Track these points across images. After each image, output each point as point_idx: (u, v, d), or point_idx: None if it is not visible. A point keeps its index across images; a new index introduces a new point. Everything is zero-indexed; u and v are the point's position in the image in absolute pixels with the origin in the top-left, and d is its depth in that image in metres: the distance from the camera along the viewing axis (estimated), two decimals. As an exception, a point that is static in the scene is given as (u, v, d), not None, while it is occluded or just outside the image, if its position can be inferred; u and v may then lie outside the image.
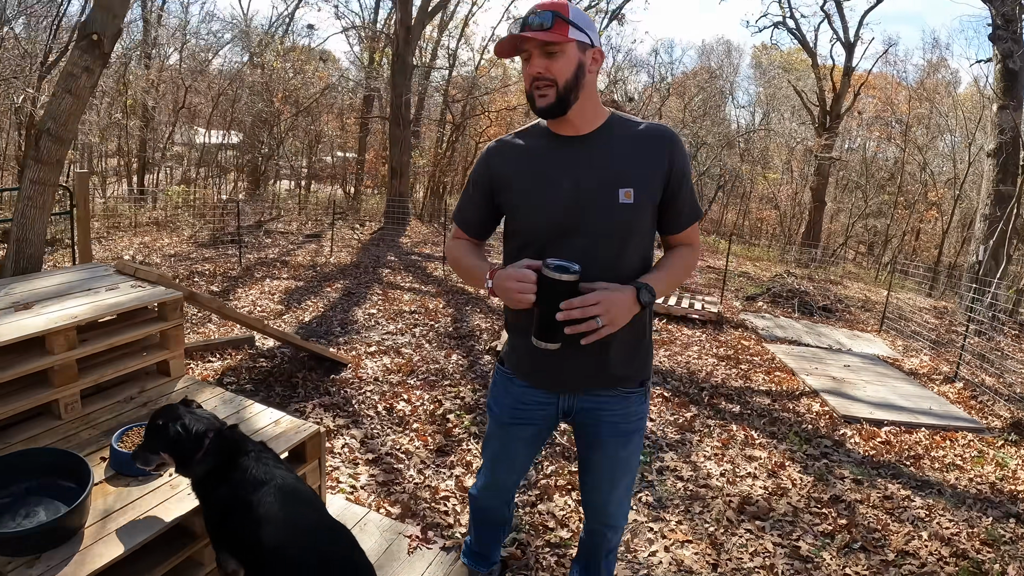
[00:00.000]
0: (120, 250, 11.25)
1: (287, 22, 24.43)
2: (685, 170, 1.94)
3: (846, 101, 23.30)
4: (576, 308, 1.73)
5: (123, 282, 3.66)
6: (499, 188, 2.02)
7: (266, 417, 3.10)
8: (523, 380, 2.13)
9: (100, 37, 4.36)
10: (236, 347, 5.88)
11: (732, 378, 6.36)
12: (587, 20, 1.85)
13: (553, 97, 1.83)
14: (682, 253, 2.04)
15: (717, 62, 33.47)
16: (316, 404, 4.79)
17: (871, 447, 4.97)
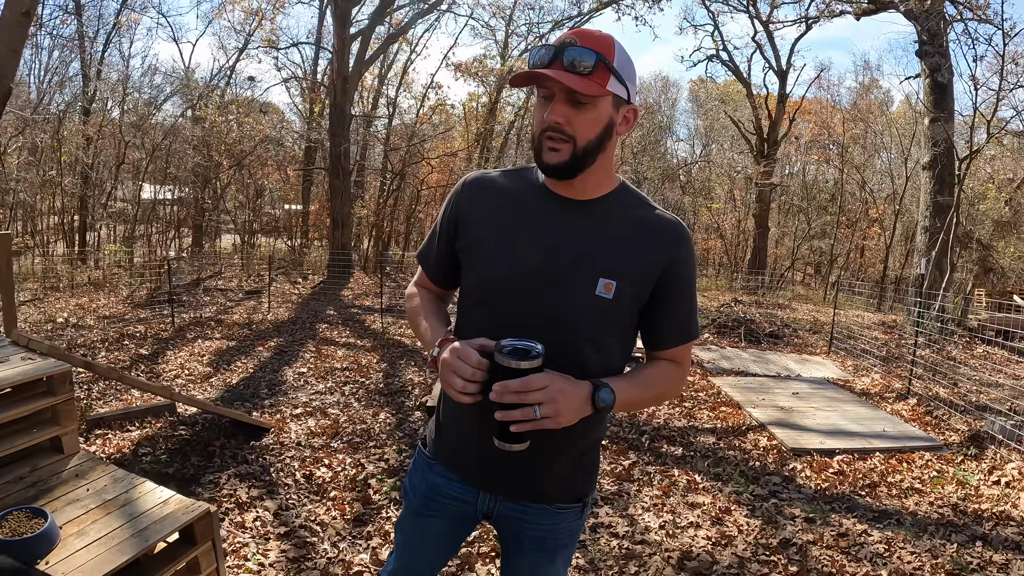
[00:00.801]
0: (55, 312, 10.87)
1: (228, 74, 24.25)
2: (686, 278, 1.60)
3: (782, 127, 23.84)
4: (513, 390, 1.38)
5: (15, 354, 3.51)
6: (461, 230, 1.66)
7: (155, 497, 2.89)
8: (443, 468, 1.76)
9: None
10: (156, 415, 5.59)
11: (675, 418, 6.20)
12: (630, 68, 1.50)
13: (567, 156, 1.48)
14: (664, 368, 1.67)
15: (655, 98, 34.09)
16: (232, 474, 4.52)
17: (823, 480, 4.82)
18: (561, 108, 1.46)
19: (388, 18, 18.21)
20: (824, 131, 27.99)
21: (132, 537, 2.56)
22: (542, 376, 1.40)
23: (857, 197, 25.67)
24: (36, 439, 3.18)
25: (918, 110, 16.98)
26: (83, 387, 6.35)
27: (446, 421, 1.75)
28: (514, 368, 1.39)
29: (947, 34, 12.57)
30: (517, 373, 1.39)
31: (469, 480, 1.72)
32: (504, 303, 1.57)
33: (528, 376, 1.39)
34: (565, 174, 1.52)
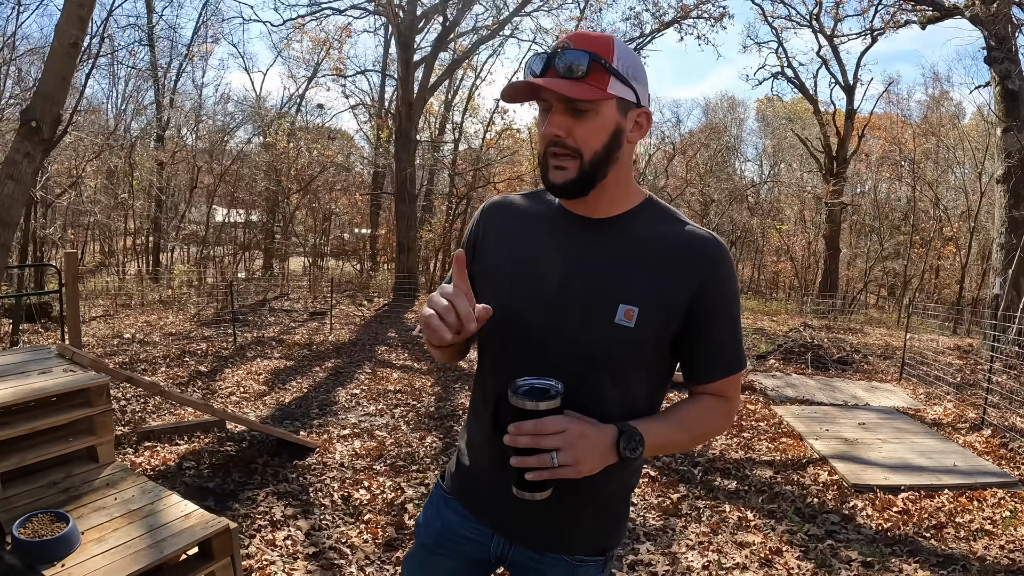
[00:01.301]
0: (123, 328, 11.21)
1: (298, 102, 24.93)
2: (726, 301, 1.41)
3: (852, 144, 23.08)
4: (526, 433, 1.24)
5: (58, 366, 3.62)
6: (479, 255, 1.55)
7: (178, 510, 2.89)
8: (460, 506, 1.62)
9: (39, 124, 4.43)
10: (206, 430, 5.64)
11: (732, 449, 5.94)
12: (637, 67, 1.34)
13: (574, 172, 1.34)
14: (706, 404, 1.48)
15: (722, 118, 33.62)
16: (270, 492, 4.50)
17: (885, 519, 4.50)
18: (559, 119, 1.33)
19: (452, 44, 18.46)
20: (895, 147, 26.89)
21: (149, 547, 2.57)
22: (560, 419, 1.26)
23: (931, 215, 24.59)
24: (71, 447, 3.25)
25: (990, 120, 16.29)
26: (140, 400, 6.48)
27: (465, 456, 1.61)
28: (530, 410, 1.25)
29: (1015, 38, 12.05)
30: (534, 415, 1.25)
31: (485, 521, 1.57)
32: (517, 332, 1.43)
33: (544, 419, 1.24)
34: (575, 192, 1.38)
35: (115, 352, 9.14)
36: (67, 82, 4.67)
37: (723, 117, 34.25)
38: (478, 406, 1.56)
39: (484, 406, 1.50)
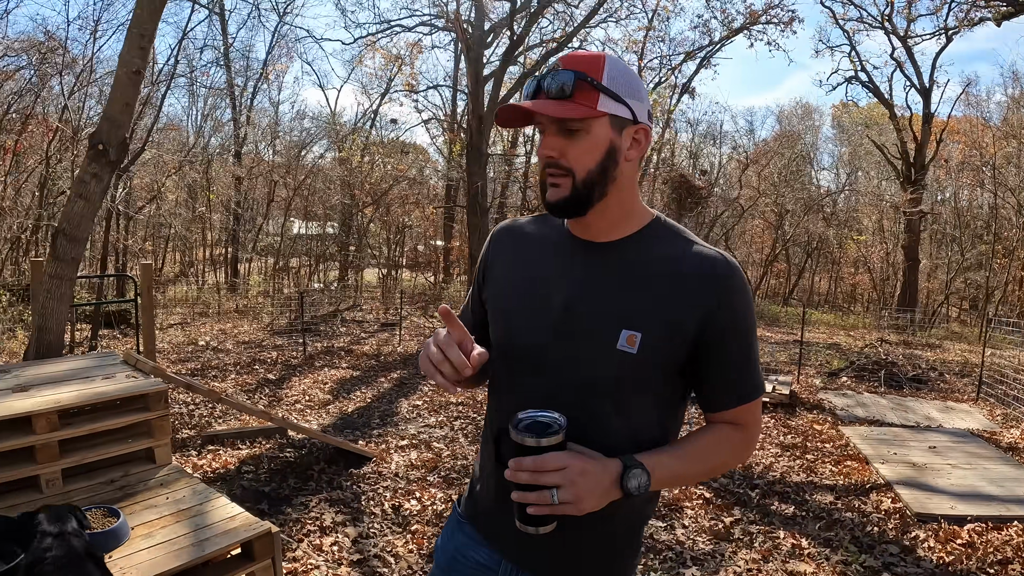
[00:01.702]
0: (198, 335, 11.62)
1: (372, 117, 25.46)
2: (739, 323, 1.34)
3: (929, 150, 22.21)
4: (526, 469, 1.22)
5: (122, 372, 3.80)
6: (488, 281, 1.56)
7: (224, 512, 3.00)
8: (472, 529, 1.60)
9: (106, 147, 4.69)
10: (268, 436, 5.80)
11: (793, 471, 5.77)
12: (631, 83, 1.33)
13: (567, 190, 1.33)
14: (721, 434, 1.41)
15: (796, 126, 32.76)
16: (323, 498, 4.60)
17: (948, 552, 4.27)
18: (551, 140, 1.33)
19: (521, 58, 18.59)
20: (975, 152, 25.51)
21: (192, 545, 2.67)
22: (561, 455, 1.22)
23: (1014, 223, 23.20)
24: (130, 448, 3.42)
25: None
26: (207, 406, 6.69)
27: (477, 481, 1.61)
28: (531, 446, 1.23)
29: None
30: (535, 450, 1.23)
31: (494, 546, 1.54)
32: (521, 359, 1.42)
33: (544, 456, 1.22)
34: (570, 211, 1.36)
35: (188, 358, 9.48)
36: (131, 107, 4.95)
37: (797, 124, 33.35)
38: (486, 433, 1.56)
39: (490, 435, 1.48)
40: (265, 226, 22.65)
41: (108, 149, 4.71)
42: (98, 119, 5.06)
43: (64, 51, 16.19)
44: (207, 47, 21.41)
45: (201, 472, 4.95)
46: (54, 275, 4.62)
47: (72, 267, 4.72)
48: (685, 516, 4.66)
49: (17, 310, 11.19)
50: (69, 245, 4.66)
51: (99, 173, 4.71)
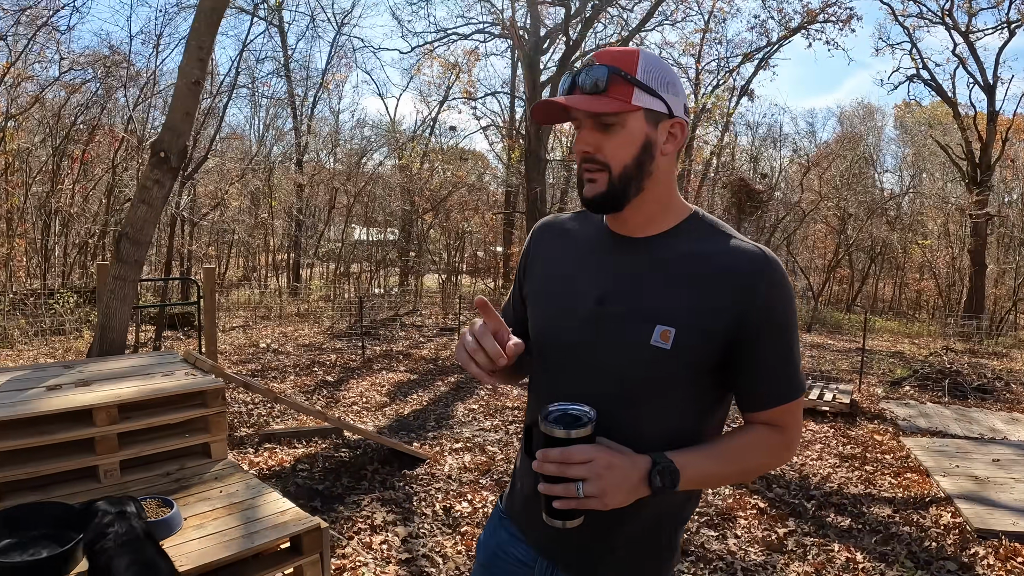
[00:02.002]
0: (260, 338, 11.88)
1: (431, 124, 25.74)
2: (777, 320, 1.31)
3: (995, 150, 21.31)
4: (552, 461, 1.21)
5: (181, 369, 3.89)
6: (528, 276, 1.58)
7: (275, 507, 3.04)
8: (511, 525, 1.61)
9: (167, 154, 4.87)
10: (324, 436, 5.89)
11: (851, 483, 5.61)
12: (666, 77, 1.31)
13: (603, 185, 1.32)
14: (758, 434, 1.37)
15: (859, 127, 31.82)
16: (375, 498, 4.65)
17: (1008, 570, 4.09)
18: (587, 135, 1.32)
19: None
20: None
21: (241, 537, 2.73)
22: (587, 448, 1.21)
23: None
24: (186, 443, 3.50)
25: None
26: (266, 406, 6.84)
27: (517, 477, 1.61)
28: (560, 437, 1.22)
29: None
30: (563, 442, 1.22)
31: (531, 542, 1.55)
32: (556, 352, 1.43)
33: (571, 447, 1.21)
34: (607, 206, 1.35)
35: (249, 360, 9.70)
36: (191, 117, 5.14)
37: (859, 126, 32.41)
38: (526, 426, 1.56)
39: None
40: (327, 232, 23.07)
41: (169, 156, 4.90)
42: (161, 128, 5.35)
43: (128, 64, 16.83)
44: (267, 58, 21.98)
45: (257, 469, 5.06)
46: (118, 276, 4.80)
47: (135, 269, 4.89)
48: (738, 526, 4.58)
49: (84, 311, 11.62)
50: (132, 248, 4.85)
51: (161, 179, 4.89)
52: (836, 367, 10.88)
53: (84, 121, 17.50)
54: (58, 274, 16.84)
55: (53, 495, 2.96)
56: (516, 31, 16.13)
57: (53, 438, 3.09)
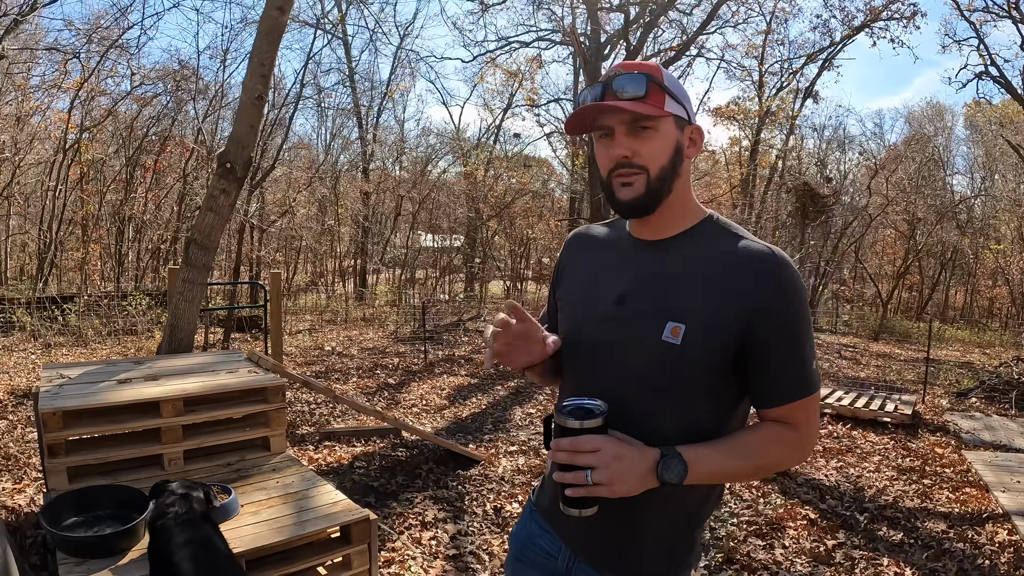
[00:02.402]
0: (325, 341, 12.18)
1: (495, 132, 25.95)
2: (788, 318, 1.35)
3: None
4: (564, 449, 1.29)
5: (244, 367, 4.10)
6: (561, 281, 1.67)
7: (327, 498, 3.20)
8: (541, 516, 1.67)
9: (233, 165, 5.13)
10: (382, 436, 6.05)
11: (907, 496, 5.48)
12: (683, 89, 1.44)
13: (642, 187, 1.38)
14: (771, 432, 1.41)
15: (928, 127, 30.66)
16: (428, 496, 4.77)
17: None
18: (624, 140, 1.38)
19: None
20: None
21: (293, 524, 2.90)
22: (596, 438, 1.28)
23: None
24: (247, 436, 3.71)
25: None
26: (328, 406, 7.05)
27: (548, 470, 1.64)
28: (573, 428, 1.30)
29: None
30: (575, 433, 1.29)
31: (558, 533, 1.60)
32: (580, 352, 1.51)
33: (581, 437, 1.28)
34: (644, 208, 1.41)
35: (314, 362, 9.97)
36: (255, 129, 5.42)
37: (928, 126, 31.25)
38: None
39: None
40: (392, 239, 23.47)
41: (235, 167, 5.16)
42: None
43: (196, 78, 17.46)
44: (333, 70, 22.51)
45: (316, 465, 5.24)
46: (186, 280, 5.06)
47: (202, 273, 5.15)
48: (786, 536, 4.52)
49: (155, 313, 12.12)
50: (200, 253, 5.11)
51: (227, 188, 5.16)
52: (901, 377, 10.63)
53: (156, 132, 18.28)
54: (131, 278, 17.57)
55: (120, 480, 3.18)
56: (576, 38, 16.19)
57: (122, 427, 3.33)
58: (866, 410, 7.69)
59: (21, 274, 19.69)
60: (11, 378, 8.14)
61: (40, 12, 14.25)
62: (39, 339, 10.86)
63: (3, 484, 4.71)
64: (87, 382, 3.62)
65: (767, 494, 5.16)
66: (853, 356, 13.22)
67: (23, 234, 19.95)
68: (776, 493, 5.20)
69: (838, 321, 19.06)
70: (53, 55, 16.59)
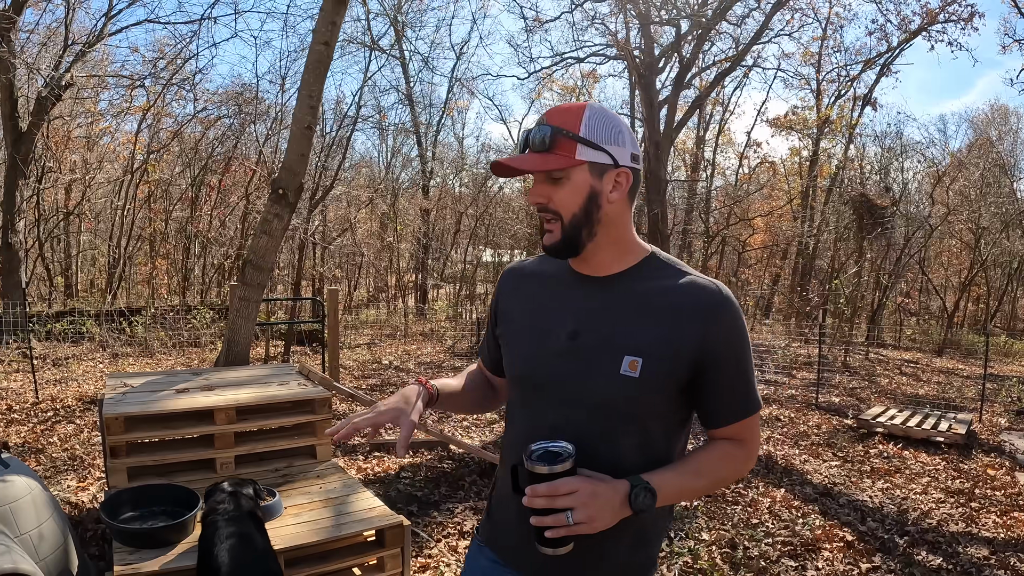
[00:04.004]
0: (383, 355, 12.45)
1: (552, 145, 26.09)
2: (733, 345, 1.46)
3: None
4: (541, 495, 1.32)
5: (295, 380, 4.32)
6: (500, 319, 1.69)
7: (366, 504, 3.39)
8: (491, 552, 1.68)
9: (285, 191, 5.45)
10: (430, 448, 6.21)
11: (951, 520, 5.30)
12: (611, 130, 1.44)
13: (558, 234, 1.47)
14: (721, 451, 1.53)
15: (992, 132, 29.43)
16: (468, 506, 4.90)
17: None
18: (539, 188, 1.47)
19: (695, 81, 18.41)
20: None
21: (331, 527, 3.10)
22: (572, 480, 1.33)
23: None
24: (294, 443, 3.95)
25: None
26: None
27: (495, 504, 1.70)
28: (544, 473, 1.34)
29: None
30: (548, 477, 1.33)
31: (511, 565, 1.63)
32: (532, 388, 1.55)
33: (557, 481, 1.33)
34: (564, 252, 1.50)
35: (370, 375, 10.22)
36: (305, 158, 5.79)
37: (992, 130, 30.03)
38: (505, 458, 1.64)
39: (508, 461, 1.56)
40: (452, 254, 23.80)
41: (287, 193, 5.51)
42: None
43: (257, 101, 18.07)
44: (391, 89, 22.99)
45: (363, 474, 5.43)
46: (243, 298, 5.38)
47: (258, 291, 5.46)
48: (820, 558, 4.44)
49: (219, 326, 12.60)
50: (255, 273, 5.44)
51: (280, 213, 5.49)
52: (961, 394, 10.38)
53: (220, 153, 18.97)
54: (196, 292, 18.25)
55: (175, 480, 3.43)
56: (630, 52, 16.26)
57: (179, 432, 3.62)
58: (919, 429, 7.52)
59: (91, 287, 20.60)
60: (80, 385, 8.59)
61: (106, 40, 14.90)
62: (107, 349, 11.41)
63: (68, 482, 5.04)
64: (148, 390, 3.89)
65: (807, 514, 5.12)
66: (914, 372, 12.95)
67: (93, 249, 20.92)
68: (816, 514, 5.15)
69: (901, 335, 18.65)
70: (120, 80, 17.35)
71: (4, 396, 7.84)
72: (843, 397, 9.92)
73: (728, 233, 21.79)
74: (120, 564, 2.68)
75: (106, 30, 14.47)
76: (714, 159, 25.06)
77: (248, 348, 5.45)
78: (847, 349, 14.06)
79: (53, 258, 18.88)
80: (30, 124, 12.94)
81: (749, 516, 5.07)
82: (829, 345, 13.93)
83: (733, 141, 27.28)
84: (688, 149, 25.39)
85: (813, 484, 5.91)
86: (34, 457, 5.63)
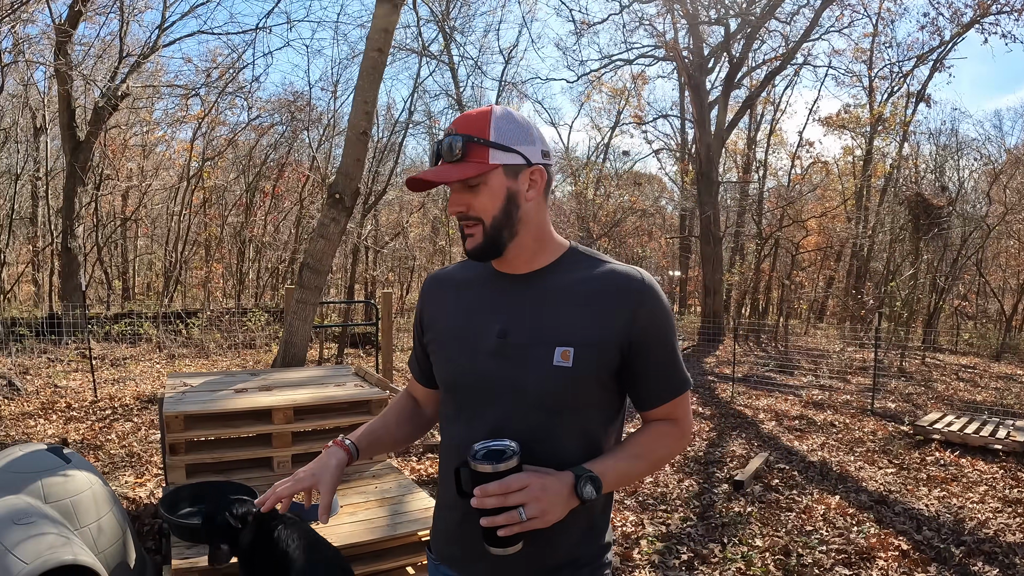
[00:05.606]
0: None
1: (604, 150, 26.09)
2: (659, 328, 1.48)
3: None
4: (492, 494, 1.30)
5: (351, 381, 4.43)
6: (426, 328, 1.69)
7: (420, 504, 3.46)
8: (448, 569, 1.65)
9: (341, 196, 5.57)
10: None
11: (1009, 530, 5.15)
12: (519, 131, 1.48)
13: (480, 237, 1.48)
14: (657, 431, 1.55)
15: None
16: (521, 507, 4.93)
17: None
18: (458, 197, 1.49)
19: (745, 80, 18.21)
20: None
21: (385, 526, 3.17)
22: (521, 476, 1.32)
23: None
24: None
25: None
26: (431, 419, 7.33)
27: (441, 519, 1.68)
28: (491, 472, 1.32)
29: None
30: (494, 476, 1.31)
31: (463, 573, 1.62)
32: (467, 390, 1.54)
33: (507, 478, 1.31)
34: (487, 255, 1.51)
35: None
36: (361, 163, 5.87)
37: None
38: (444, 467, 1.64)
39: (448, 468, 1.55)
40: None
41: (343, 198, 5.61)
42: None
43: (309, 108, 18.37)
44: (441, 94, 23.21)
45: (417, 475, 5.51)
46: (300, 300, 5.49)
47: (315, 294, 5.56)
48: (875, 567, 4.37)
49: (273, 328, 12.86)
50: (312, 276, 5.54)
51: (336, 218, 5.59)
52: (1020, 401, 10.08)
53: (273, 159, 19.34)
54: (251, 295, 18.62)
55: (233, 478, 3.52)
56: (679, 53, 16.18)
57: (238, 431, 3.72)
58: (976, 436, 7.36)
59: (148, 290, 21.16)
60: (137, 385, 8.86)
61: (160, 52, 15.30)
62: (164, 350, 11.74)
63: (127, 478, 5.22)
64: (207, 390, 4.02)
65: (862, 522, 5.05)
66: (971, 378, 12.64)
67: (150, 254, 21.49)
68: (871, 521, 5.08)
69: (958, 340, 18.19)
70: (175, 90, 17.83)
71: (64, 395, 8.13)
72: (899, 403, 9.73)
73: (781, 235, 21.42)
74: (177, 558, 2.78)
75: (159, 42, 14.88)
76: (766, 160, 24.73)
77: (305, 349, 5.56)
78: (903, 353, 13.79)
79: (111, 262, 19.45)
80: (88, 133, 13.41)
81: (803, 523, 5.02)
82: (884, 349, 13.71)
83: (785, 141, 26.95)
84: (739, 150, 25.13)
85: (868, 491, 5.82)
86: (93, 453, 5.84)
